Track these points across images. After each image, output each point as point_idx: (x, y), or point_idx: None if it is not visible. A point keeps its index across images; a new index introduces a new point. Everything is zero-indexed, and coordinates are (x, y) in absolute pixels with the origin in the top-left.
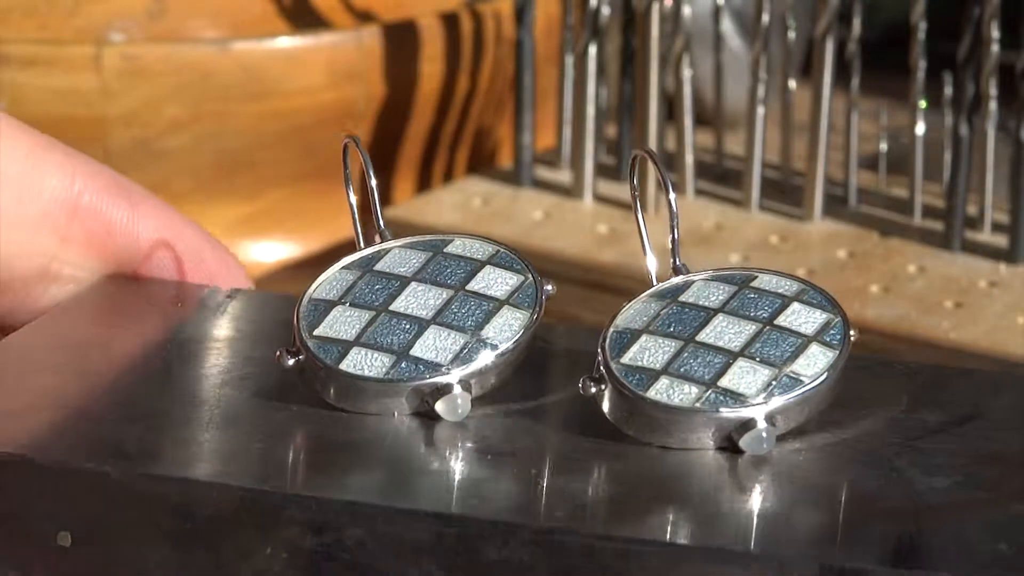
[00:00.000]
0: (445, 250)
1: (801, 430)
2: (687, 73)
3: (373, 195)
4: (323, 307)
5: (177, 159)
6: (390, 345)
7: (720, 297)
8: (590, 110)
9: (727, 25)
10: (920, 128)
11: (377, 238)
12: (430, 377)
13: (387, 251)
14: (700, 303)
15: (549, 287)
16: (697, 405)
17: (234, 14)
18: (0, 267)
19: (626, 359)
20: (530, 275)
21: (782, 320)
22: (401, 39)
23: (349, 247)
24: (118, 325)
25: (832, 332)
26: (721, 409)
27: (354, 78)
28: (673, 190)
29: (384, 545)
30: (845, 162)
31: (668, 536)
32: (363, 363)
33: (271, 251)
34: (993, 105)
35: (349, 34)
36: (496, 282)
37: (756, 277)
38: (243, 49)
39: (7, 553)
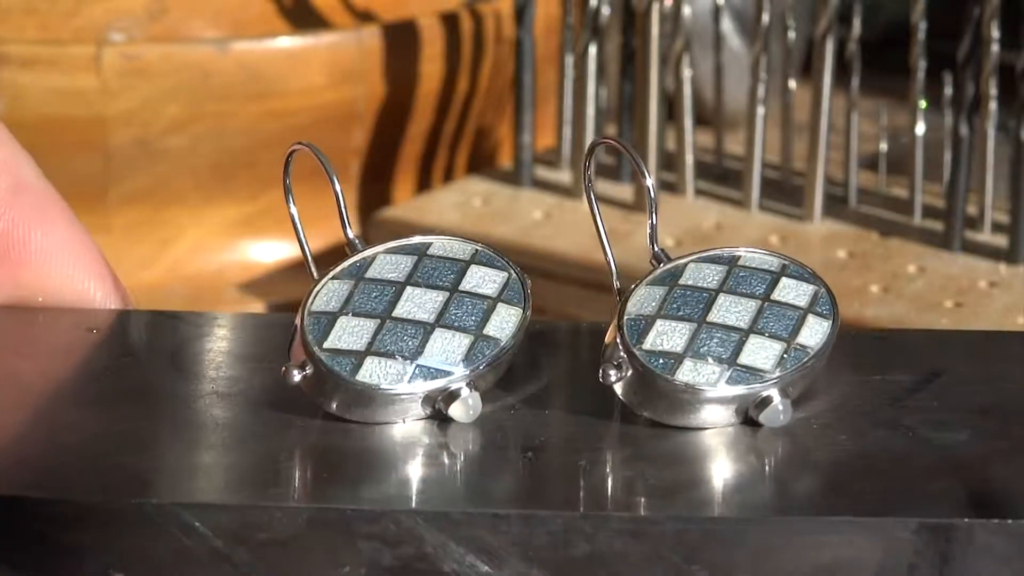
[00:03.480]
0: (429, 252)
1: (795, 401)
2: (687, 73)
3: (340, 203)
4: (326, 319)
5: (177, 159)
6: (401, 352)
7: (716, 278)
8: (590, 110)
9: (727, 25)
10: (920, 128)
11: (347, 249)
12: (444, 380)
13: (372, 258)
14: (700, 284)
15: (528, 280)
16: (723, 383)
17: (234, 14)
18: None
19: (648, 345)
20: (512, 271)
21: (777, 295)
22: (401, 39)
23: (338, 252)
24: (40, 357)
25: (822, 303)
26: (743, 385)
27: (354, 78)
28: (649, 176)
29: (469, 551)
30: (845, 162)
31: (761, 511)
32: (378, 372)
33: (271, 251)
34: (993, 105)
35: (349, 34)
36: (484, 280)
37: (740, 256)
38: (243, 49)
39: None
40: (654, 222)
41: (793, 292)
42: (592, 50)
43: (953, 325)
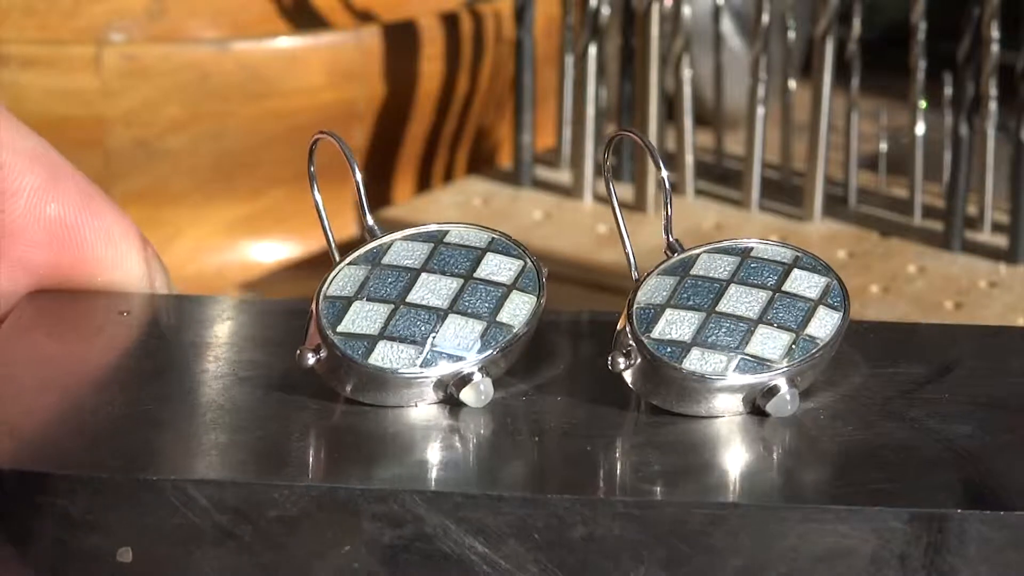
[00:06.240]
0: (445, 240)
1: (807, 392)
2: (687, 73)
3: (360, 191)
4: (341, 303)
5: (177, 159)
6: (413, 336)
7: (727, 268)
8: (590, 110)
9: (727, 25)
10: (920, 128)
11: (366, 235)
12: (456, 365)
13: (389, 245)
14: (711, 275)
15: (544, 270)
16: (730, 373)
17: (234, 14)
18: None
19: (656, 333)
20: (528, 259)
21: (788, 287)
22: (401, 39)
23: (349, 248)
24: (74, 337)
25: (833, 295)
26: (750, 374)
27: (354, 78)
28: (664, 168)
29: (466, 533)
30: (845, 162)
31: (760, 498)
32: (390, 356)
33: (271, 251)
34: (993, 105)
35: (349, 34)
36: (500, 268)
37: (752, 247)
38: (243, 49)
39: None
40: (669, 213)
41: (804, 283)
42: (592, 50)
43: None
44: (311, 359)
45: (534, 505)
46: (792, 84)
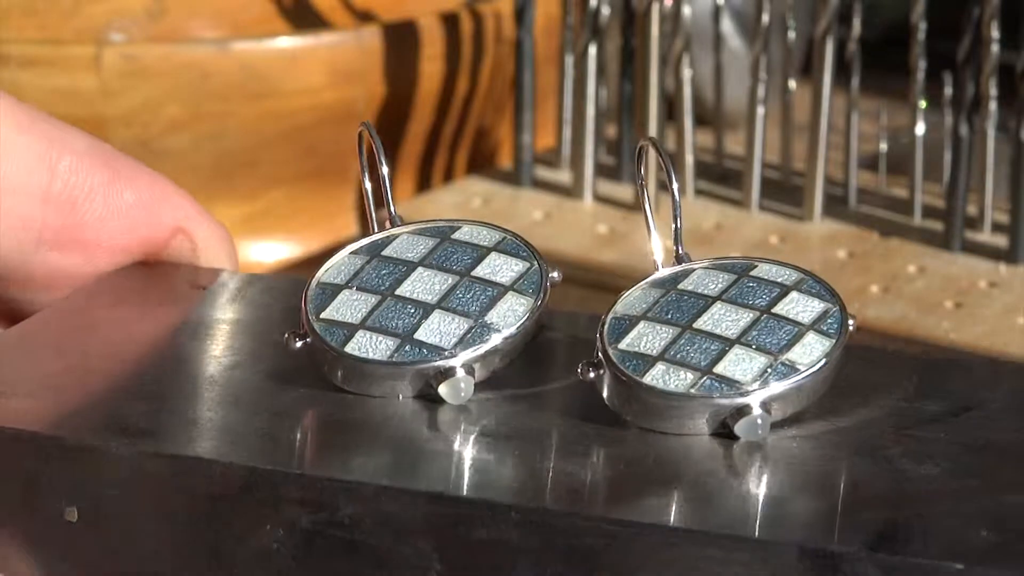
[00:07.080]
0: (453, 236)
1: (797, 417)
2: (687, 73)
3: (384, 182)
4: (330, 291)
5: (177, 159)
6: (395, 329)
7: (719, 285)
8: (590, 110)
9: (727, 25)
10: (920, 128)
11: (388, 224)
12: (434, 360)
13: (395, 237)
14: (699, 291)
15: (555, 274)
16: (692, 391)
17: (234, 14)
18: None
19: (624, 345)
20: (536, 262)
21: (780, 309)
22: (401, 39)
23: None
24: (133, 308)
25: (829, 321)
26: (715, 395)
27: (354, 78)
28: (676, 180)
29: (377, 524)
30: (845, 162)
31: (658, 519)
32: (368, 346)
33: (271, 251)
34: (993, 105)
35: (349, 34)
36: (502, 268)
37: (756, 266)
38: (243, 49)
39: (15, 527)
40: (679, 225)
41: (799, 307)
42: (592, 50)
43: (953, 325)
44: (297, 344)
45: (440, 504)
46: (792, 84)
